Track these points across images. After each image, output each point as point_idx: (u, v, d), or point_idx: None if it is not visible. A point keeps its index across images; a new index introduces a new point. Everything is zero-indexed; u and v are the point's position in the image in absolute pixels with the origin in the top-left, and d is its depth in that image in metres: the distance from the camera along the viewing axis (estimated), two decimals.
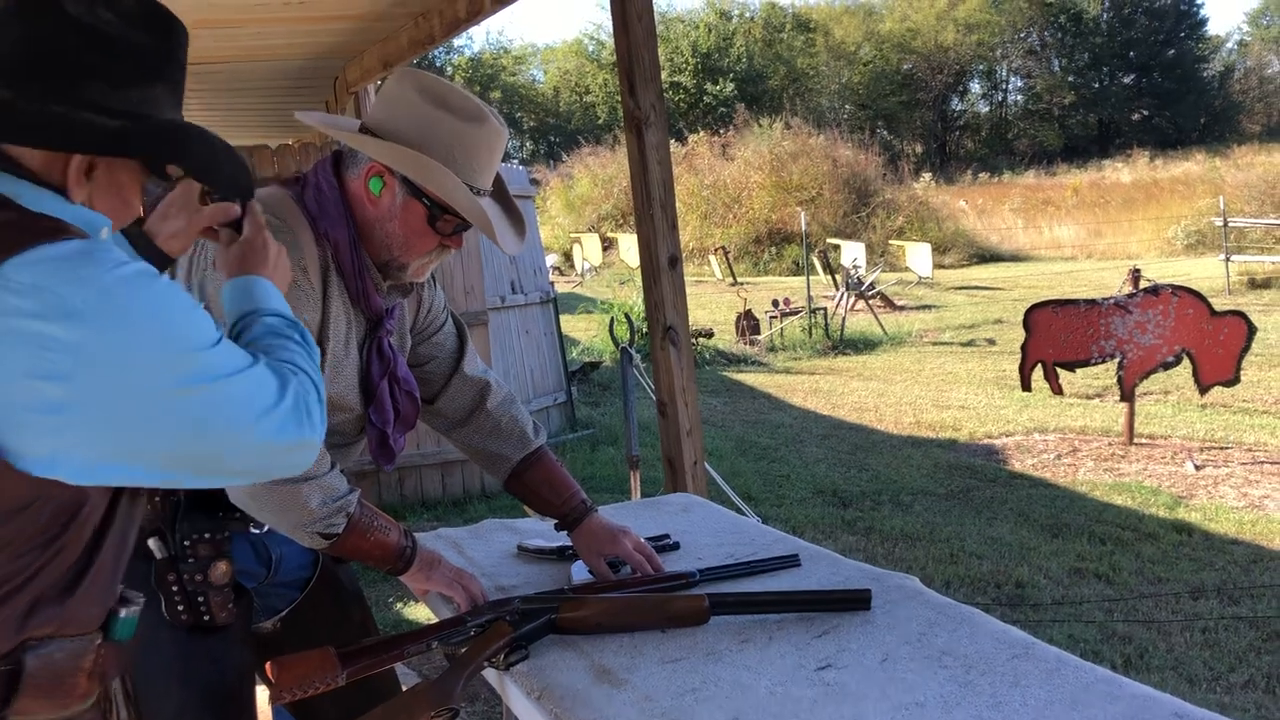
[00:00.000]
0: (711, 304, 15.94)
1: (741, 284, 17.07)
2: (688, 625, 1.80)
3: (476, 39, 51.73)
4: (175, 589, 1.68)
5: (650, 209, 3.33)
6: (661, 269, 3.38)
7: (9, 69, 1.11)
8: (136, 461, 1.10)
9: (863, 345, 12.54)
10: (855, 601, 1.83)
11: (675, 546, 2.24)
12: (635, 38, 3.25)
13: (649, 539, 2.22)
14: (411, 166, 1.71)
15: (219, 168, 1.25)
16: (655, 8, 3.38)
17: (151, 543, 1.68)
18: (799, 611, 1.82)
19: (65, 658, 1.16)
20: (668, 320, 3.41)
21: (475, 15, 4.26)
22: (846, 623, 1.78)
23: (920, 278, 17.96)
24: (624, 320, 5.03)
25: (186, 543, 1.69)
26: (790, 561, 2.08)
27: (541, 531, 2.38)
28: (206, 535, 1.71)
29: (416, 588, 1.94)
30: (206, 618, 1.70)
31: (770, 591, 1.89)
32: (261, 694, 1.88)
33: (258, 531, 1.83)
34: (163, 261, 1.51)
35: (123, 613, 1.25)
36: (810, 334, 12.66)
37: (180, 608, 1.69)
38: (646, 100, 3.27)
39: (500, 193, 1.90)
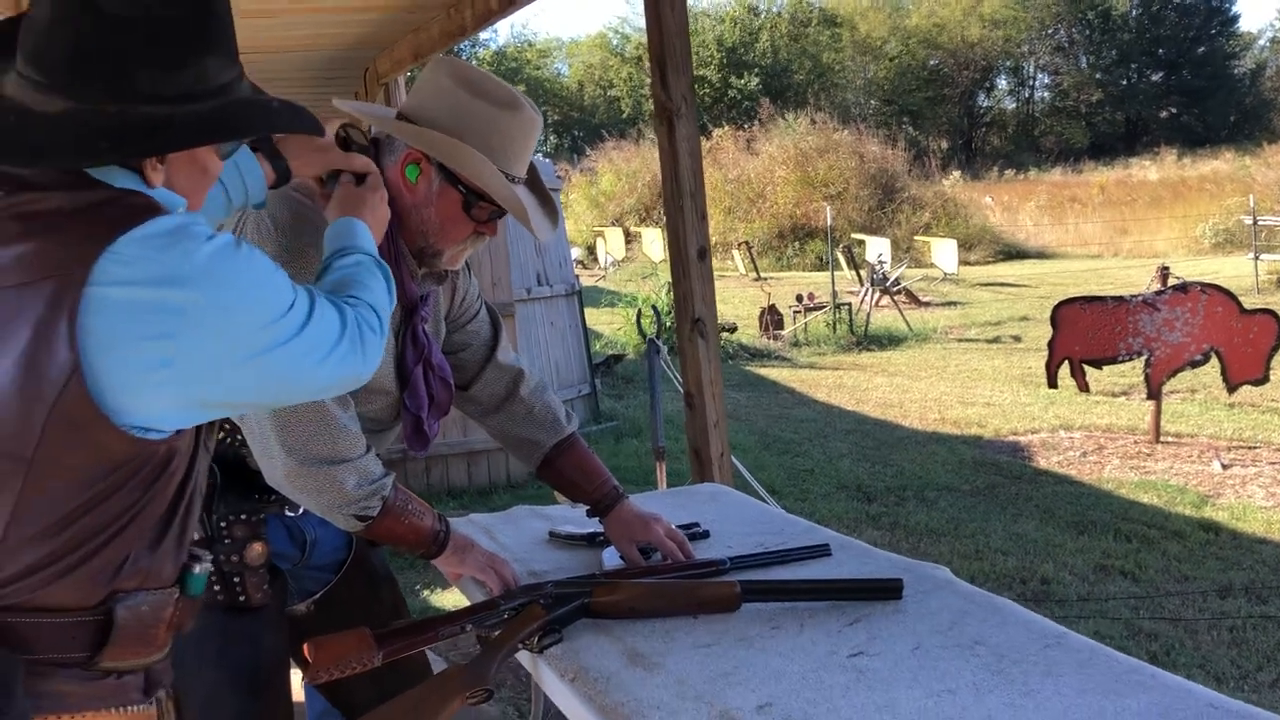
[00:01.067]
0: (735, 298, 15.92)
1: (765, 279, 17.04)
2: (719, 611, 1.81)
3: (501, 32, 51.77)
4: (211, 570, 1.71)
5: (680, 200, 3.34)
6: (690, 261, 3.38)
7: (61, 75, 1.14)
8: (223, 409, 1.29)
9: (887, 341, 12.51)
10: (887, 591, 1.84)
11: (705, 535, 2.26)
12: (668, 28, 3.26)
13: (679, 526, 2.23)
14: (448, 153, 1.72)
15: (279, 129, 1.37)
16: None
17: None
18: (830, 600, 1.83)
19: (149, 610, 1.25)
20: (696, 312, 3.41)
21: (508, 6, 4.28)
22: (877, 611, 1.79)
23: (945, 274, 17.87)
24: (650, 312, 5.04)
25: (223, 524, 1.72)
26: (821, 551, 2.09)
27: (572, 518, 2.40)
28: (243, 516, 1.74)
29: (449, 572, 1.96)
30: (242, 598, 1.73)
31: (801, 580, 1.90)
32: (294, 676, 1.90)
33: (293, 514, 1.86)
34: (284, 177, 1.60)
35: (195, 569, 1.34)
36: (834, 329, 12.63)
37: (216, 588, 1.72)
38: (678, 91, 3.28)
39: (534, 181, 1.91)
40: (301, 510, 1.89)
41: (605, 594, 1.81)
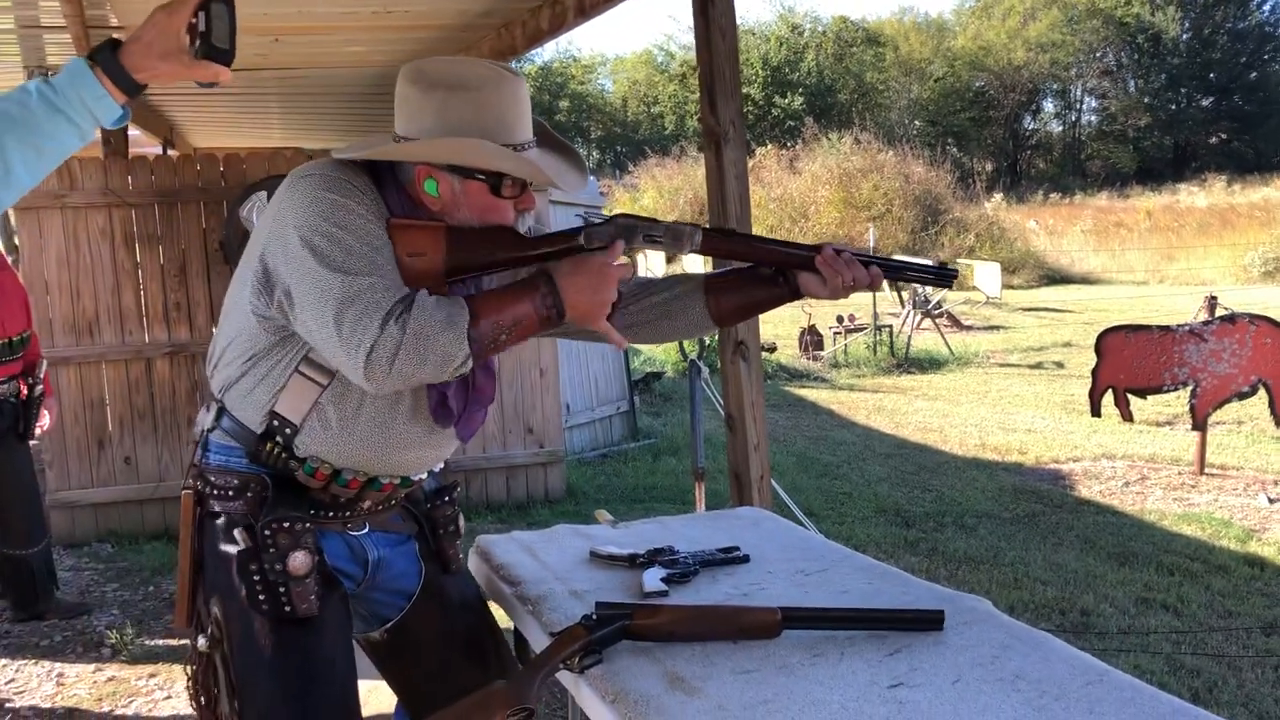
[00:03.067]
0: (774, 318, 15.87)
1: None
2: (759, 638, 1.81)
3: (546, 48, 52.11)
4: (257, 578, 1.73)
5: (727, 223, 3.36)
6: None
7: None
8: None
9: (928, 364, 12.44)
10: (928, 622, 1.84)
11: (745, 559, 2.27)
12: (718, 53, 3.29)
13: (720, 550, 2.25)
14: (449, 154, 1.70)
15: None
16: None
17: (237, 533, 1.75)
18: (871, 629, 1.83)
19: None
20: (739, 335, 3.43)
21: (557, 28, 4.33)
22: (918, 642, 1.79)
23: (988, 297, 17.74)
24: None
25: (267, 532, 1.74)
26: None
27: (613, 538, 2.42)
28: (285, 524, 1.74)
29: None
30: (288, 609, 1.73)
31: (842, 608, 1.91)
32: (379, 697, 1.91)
33: (355, 533, 1.89)
34: (133, 90, 1.49)
35: None
36: (875, 351, 12.58)
37: (261, 597, 1.73)
38: (726, 116, 3.30)
39: (545, 137, 1.86)
40: (366, 528, 1.92)
41: (646, 617, 1.82)
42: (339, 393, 1.75)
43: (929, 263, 2.07)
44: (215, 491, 1.78)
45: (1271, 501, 6.40)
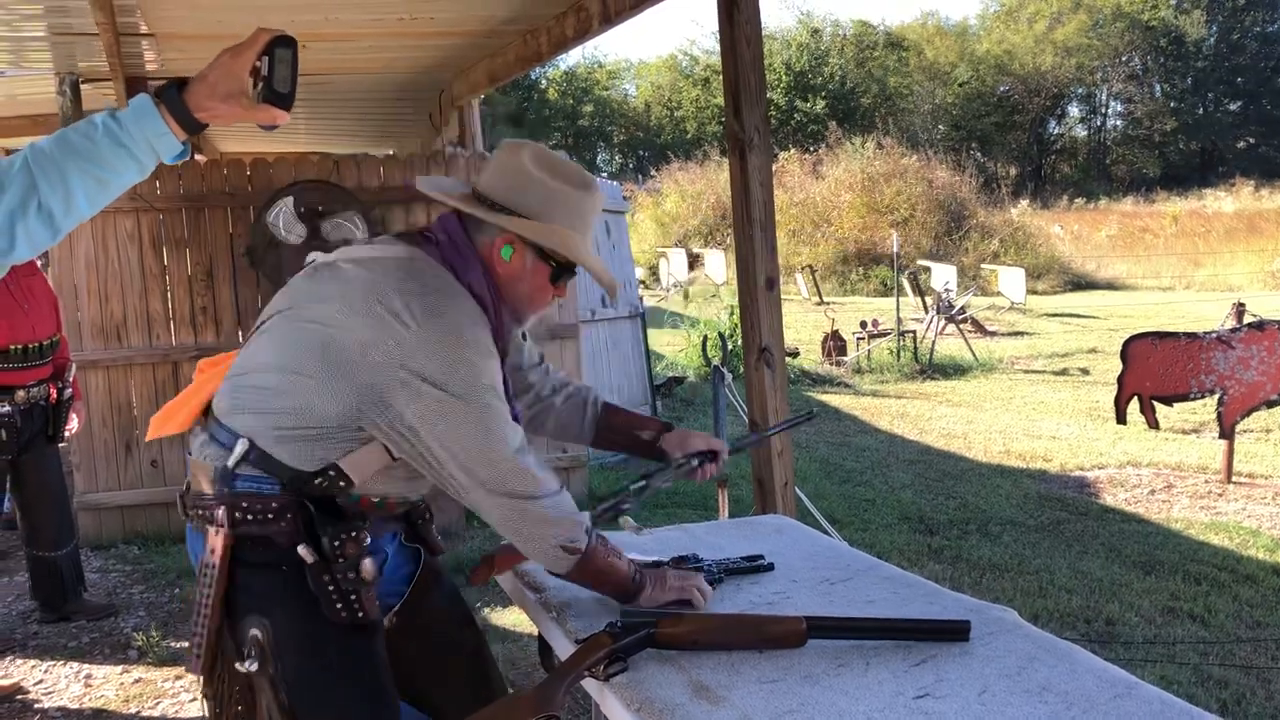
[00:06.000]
0: (797, 323, 15.87)
1: (828, 303, 16.95)
2: (784, 647, 1.81)
3: (572, 53, 52.22)
4: (332, 589, 1.78)
5: (750, 230, 3.36)
6: (759, 290, 3.40)
7: None
8: None
9: (952, 370, 12.37)
10: (954, 632, 1.83)
11: (770, 567, 2.26)
12: (743, 60, 3.29)
13: (744, 558, 2.25)
14: (547, 237, 1.87)
15: None
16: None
17: (301, 549, 1.77)
18: (897, 639, 1.83)
19: None
20: (763, 341, 3.43)
21: (583, 34, 4.34)
22: (944, 653, 1.78)
23: (1013, 303, 17.65)
24: (717, 339, 5.05)
25: (336, 544, 1.78)
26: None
27: (638, 545, 2.42)
28: (352, 534, 1.80)
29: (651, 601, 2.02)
30: (360, 614, 1.80)
31: (868, 618, 1.90)
32: None
33: (373, 538, 1.93)
34: (193, 129, 1.56)
35: None
36: (898, 357, 12.52)
37: (339, 605, 1.78)
38: (751, 123, 3.31)
39: None
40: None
41: (670, 626, 1.82)
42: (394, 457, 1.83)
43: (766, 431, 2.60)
44: (252, 516, 1.78)
45: None
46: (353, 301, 1.74)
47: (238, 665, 1.79)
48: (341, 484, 1.79)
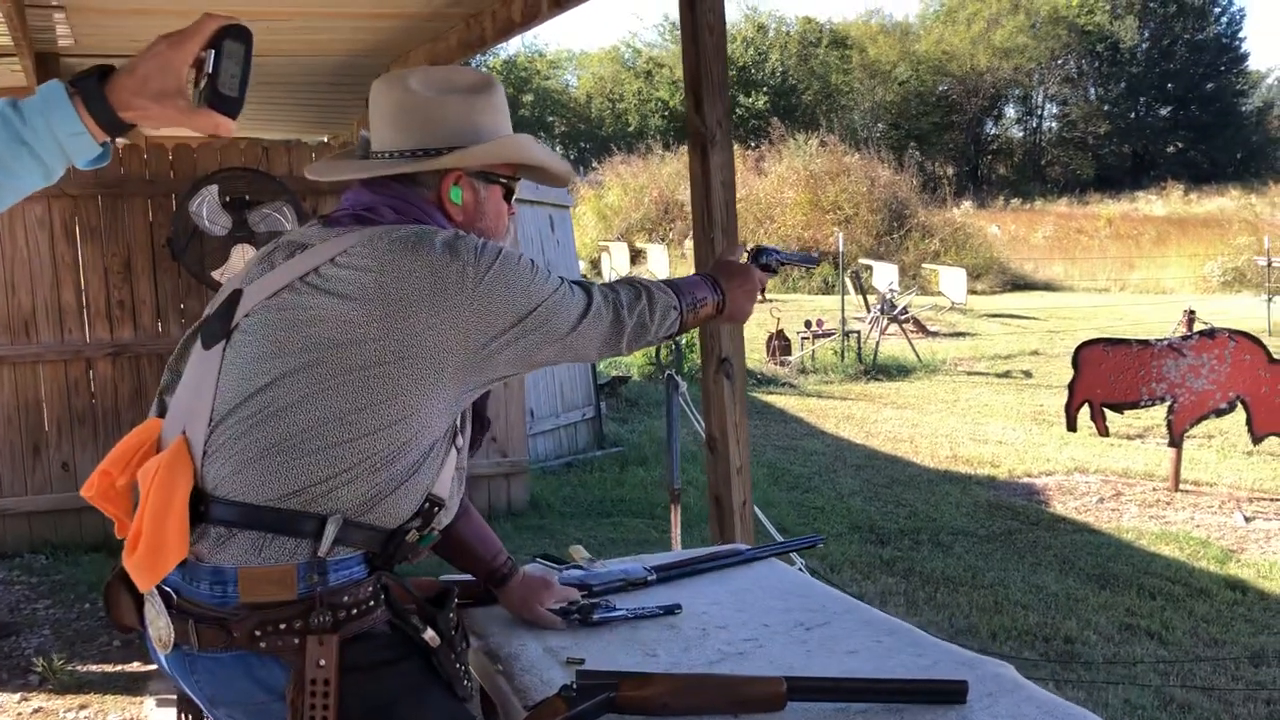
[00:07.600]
0: None
1: (771, 301, 16.86)
2: (761, 711, 1.61)
3: (512, 42, 51.73)
4: (460, 667, 1.61)
5: (711, 232, 3.15)
6: None
7: None
8: None
9: (896, 371, 12.30)
10: (949, 694, 1.63)
11: (677, 610, 2.02)
12: (704, 50, 3.07)
13: (660, 607, 2.02)
14: (511, 151, 1.70)
15: None
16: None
17: (428, 635, 1.56)
18: (885, 702, 1.63)
19: None
20: (723, 351, 3.22)
21: (530, 20, 4.09)
22: (939, 718, 1.59)
23: (954, 303, 17.70)
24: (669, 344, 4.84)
25: (453, 617, 1.64)
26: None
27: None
28: (453, 602, 1.66)
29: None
30: (468, 684, 1.65)
31: (854, 679, 1.70)
32: None
33: None
34: (115, 130, 1.25)
35: None
36: (843, 357, 12.43)
37: (467, 683, 1.62)
38: (713, 117, 3.09)
39: None
40: None
41: (634, 688, 1.61)
42: (458, 444, 1.62)
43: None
44: (355, 611, 1.49)
45: (1247, 520, 6.30)
46: (391, 294, 1.46)
47: None
48: (436, 510, 1.55)
